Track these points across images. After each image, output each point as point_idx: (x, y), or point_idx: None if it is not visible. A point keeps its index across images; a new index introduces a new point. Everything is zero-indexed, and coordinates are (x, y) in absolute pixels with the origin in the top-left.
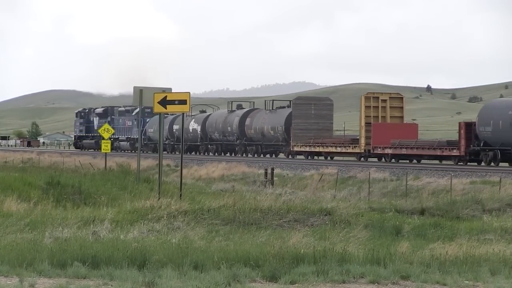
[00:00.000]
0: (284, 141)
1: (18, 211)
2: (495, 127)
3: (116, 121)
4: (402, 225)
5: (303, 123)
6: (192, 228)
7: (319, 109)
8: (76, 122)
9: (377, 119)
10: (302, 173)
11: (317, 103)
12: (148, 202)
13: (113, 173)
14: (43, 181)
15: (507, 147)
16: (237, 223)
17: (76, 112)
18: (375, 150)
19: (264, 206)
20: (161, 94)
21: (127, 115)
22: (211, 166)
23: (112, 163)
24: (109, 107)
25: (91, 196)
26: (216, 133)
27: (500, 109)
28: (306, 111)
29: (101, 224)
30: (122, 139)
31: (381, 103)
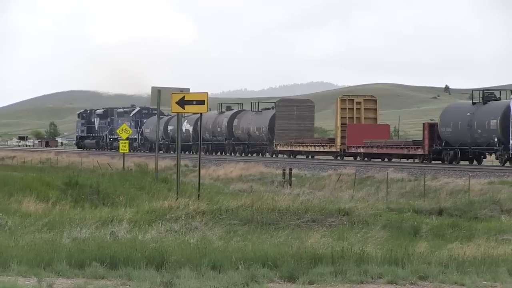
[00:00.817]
0: (268, 141)
1: (36, 211)
2: (454, 128)
3: (115, 122)
4: (420, 226)
5: (285, 124)
6: (210, 228)
7: (301, 111)
8: (78, 123)
9: (352, 120)
10: (320, 174)
11: (299, 105)
12: (166, 202)
13: (131, 173)
14: (61, 181)
15: (465, 147)
16: (255, 223)
17: (78, 113)
18: (349, 150)
19: (282, 207)
20: (179, 94)
21: (126, 116)
22: (229, 167)
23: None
24: (109, 108)
25: (109, 196)
26: (207, 133)
27: (459, 111)
28: (289, 113)
29: (119, 224)
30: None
31: (356, 105)
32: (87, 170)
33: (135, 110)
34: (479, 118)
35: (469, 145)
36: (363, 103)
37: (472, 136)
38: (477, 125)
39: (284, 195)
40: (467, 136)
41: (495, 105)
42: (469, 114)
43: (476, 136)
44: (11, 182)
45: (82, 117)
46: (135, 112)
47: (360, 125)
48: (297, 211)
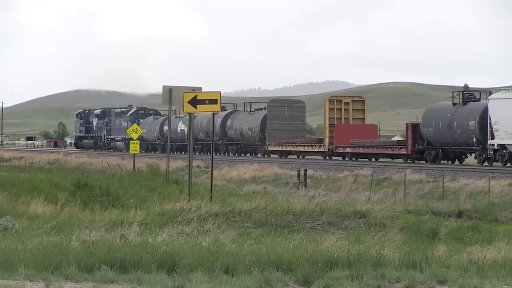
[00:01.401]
0: (260, 141)
1: (44, 213)
2: (436, 128)
3: (113, 122)
4: (439, 228)
5: (277, 124)
6: (223, 231)
7: (292, 111)
8: (77, 123)
9: (340, 120)
10: (335, 175)
11: (290, 105)
12: (178, 204)
13: (141, 175)
14: (70, 183)
15: (446, 147)
16: (269, 226)
17: (77, 113)
18: (337, 149)
19: (296, 209)
20: (191, 93)
21: (123, 116)
22: (242, 168)
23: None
24: (107, 108)
25: (119, 198)
26: (201, 133)
27: (440, 112)
28: (280, 113)
29: (130, 227)
30: (118, 139)
31: (344, 106)
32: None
33: (132, 110)
34: (458, 118)
35: (449, 145)
36: (351, 103)
37: (452, 136)
38: (456, 126)
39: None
40: (447, 136)
41: (474, 106)
42: (449, 114)
43: (456, 136)
44: (19, 183)
45: (80, 117)
46: (132, 112)
47: (348, 125)
48: (312, 213)
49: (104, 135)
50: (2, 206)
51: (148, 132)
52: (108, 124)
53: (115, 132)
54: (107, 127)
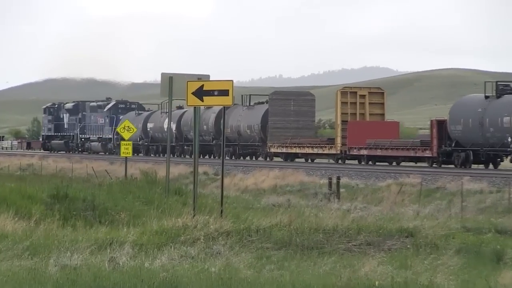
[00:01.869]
0: (260, 141)
1: (15, 231)
2: (465, 126)
3: (88, 118)
4: (505, 250)
5: (280, 121)
6: (237, 253)
7: (299, 105)
8: (44, 119)
9: (355, 116)
10: (376, 183)
11: (297, 98)
12: (180, 220)
13: (135, 183)
14: (46, 194)
15: (477, 148)
16: (294, 247)
17: (44, 107)
18: (351, 151)
19: (328, 226)
20: (197, 82)
21: (99, 111)
22: (260, 174)
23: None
24: (80, 101)
25: (107, 212)
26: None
27: (469, 106)
28: (284, 108)
29: (121, 248)
30: (93, 139)
31: (359, 99)
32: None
33: (110, 104)
34: (491, 114)
35: (481, 146)
36: (367, 96)
37: (484, 135)
38: (489, 123)
39: (330, 211)
40: (478, 135)
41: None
42: (480, 110)
43: (488, 135)
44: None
45: (49, 112)
46: (110, 106)
47: (364, 122)
48: (347, 232)
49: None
50: None
51: None
52: (81, 121)
53: (90, 131)
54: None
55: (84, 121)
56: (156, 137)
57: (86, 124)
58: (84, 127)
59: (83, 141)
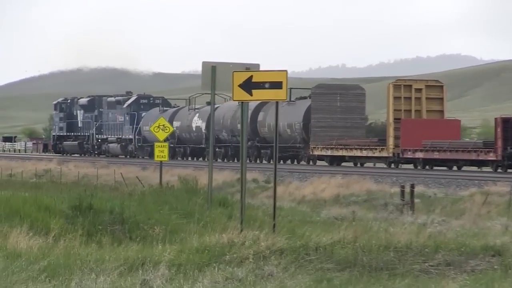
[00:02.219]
0: (302, 142)
1: (30, 249)
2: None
3: (105, 116)
4: None
5: (325, 119)
6: (292, 275)
7: (347, 101)
8: (55, 116)
9: (410, 113)
10: (456, 193)
11: (344, 92)
12: (226, 236)
13: (172, 192)
14: (67, 205)
15: None
16: (360, 268)
17: (55, 103)
18: (405, 154)
19: (400, 242)
20: (244, 73)
21: (118, 107)
22: (319, 182)
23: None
24: (96, 96)
25: (139, 226)
26: (224, 132)
27: None
28: (330, 103)
29: (155, 269)
30: (111, 140)
31: (415, 93)
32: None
33: (131, 99)
34: None
35: None
36: (424, 90)
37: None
38: None
39: (403, 225)
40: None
41: None
42: None
43: None
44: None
45: (60, 109)
46: (130, 102)
47: (420, 120)
48: (422, 250)
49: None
50: None
51: None
52: (98, 119)
53: (108, 130)
54: (97, 123)
55: (100, 119)
56: (183, 138)
57: (103, 123)
58: (101, 126)
59: (99, 143)
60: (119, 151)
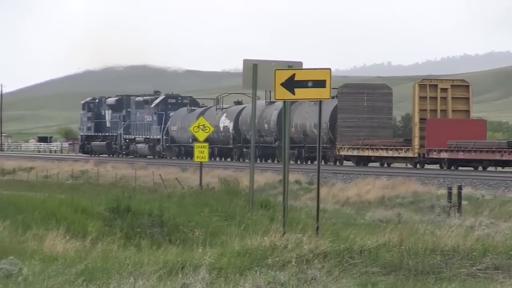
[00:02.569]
0: (329, 143)
1: (66, 252)
2: None
3: (133, 116)
4: None
5: (352, 119)
6: (336, 279)
7: (373, 100)
8: (83, 116)
9: (435, 113)
10: (505, 194)
11: (371, 92)
12: (267, 239)
13: (212, 194)
14: (104, 207)
15: None
16: (406, 272)
17: (83, 102)
18: (430, 154)
19: (447, 246)
20: (286, 71)
21: (146, 107)
22: (363, 183)
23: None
24: (125, 96)
25: (178, 229)
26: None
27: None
28: (356, 103)
29: (195, 272)
30: (139, 140)
31: (441, 93)
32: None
33: (159, 98)
34: None
35: None
36: (450, 90)
37: None
38: None
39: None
40: None
41: None
42: None
43: None
44: (27, 208)
45: (88, 109)
46: (158, 101)
47: (445, 120)
48: (470, 253)
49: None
50: (3, 242)
51: (180, 130)
52: (126, 119)
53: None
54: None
55: (128, 118)
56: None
57: (131, 123)
58: (129, 126)
59: (127, 143)
60: (146, 152)
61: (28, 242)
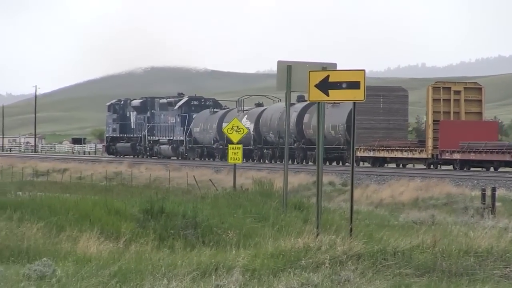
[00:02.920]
0: (346, 144)
1: (100, 254)
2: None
3: (157, 117)
4: None
5: (368, 121)
6: (369, 280)
7: (389, 102)
8: (109, 118)
9: (449, 115)
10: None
11: (387, 94)
12: (301, 240)
13: (246, 196)
14: (138, 208)
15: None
16: (439, 273)
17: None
18: (443, 155)
19: (480, 247)
20: (321, 72)
21: (170, 109)
22: (397, 185)
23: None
24: (149, 98)
25: (212, 231)
26: (271, 133)
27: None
28: (373, 105)
29: (229, 274)
30: (163, 142)
31: (454, 96)
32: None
33: (182, 100)
34: None
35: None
36: (463, 92)
37: None
38: None
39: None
40: None
41: None
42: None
43: None
44: (61, 209)
45: (114, 110)
46: (181, 103)
47: (458, 121)
48: (504, 255)
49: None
50: (37, 243)
51: (203, 131)
52: (150, 120)
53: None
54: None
55: (153, 120)
56: None
57: (155, 124)
58: (153, 128)
59: (151, 144)
60: (170, 153)
61: (62, 244)
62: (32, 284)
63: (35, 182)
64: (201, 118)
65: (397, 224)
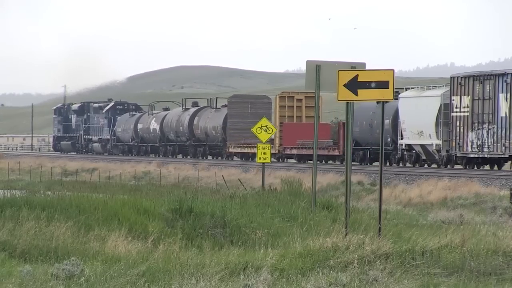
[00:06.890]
0: (222, 142)
1: (128, 253)
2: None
3: (92, 119)
4: None
5: (239, 123)
6: (397, 280)
7: (256, 108)
8: (55, 120)
9: (292, 119)
10: None
11: (254, 101)
12: (330, 240)
13: (275, 195)
14: (166, 208)
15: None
16: (467, 273)
17: (54, 108)
18: (285, 151)
19: (509, 247)
20: (349, 72)
21: (100, 112)
22: (426, 184)
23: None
24: (86, 103)
25: (240, 230)
26: (172, 133)
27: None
28: (242, 110)
29: (257, 273)
30: (95, 140)
31: (297, 103)
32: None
33: (109, 105)
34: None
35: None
36: (304, 100)
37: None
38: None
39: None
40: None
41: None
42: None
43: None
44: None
45: (59, 113)
46: (108, 107)
47: (296, 124)
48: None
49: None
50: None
51: (123, 131)
52: (86, 122)
53: (93, 131)
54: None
55: (88, 122)
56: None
57: (90, 125)
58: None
59: (86, 142)
60: (99, 149)
61: (90, 243)
62: (61, 283)
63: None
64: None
65: (425, 223)
